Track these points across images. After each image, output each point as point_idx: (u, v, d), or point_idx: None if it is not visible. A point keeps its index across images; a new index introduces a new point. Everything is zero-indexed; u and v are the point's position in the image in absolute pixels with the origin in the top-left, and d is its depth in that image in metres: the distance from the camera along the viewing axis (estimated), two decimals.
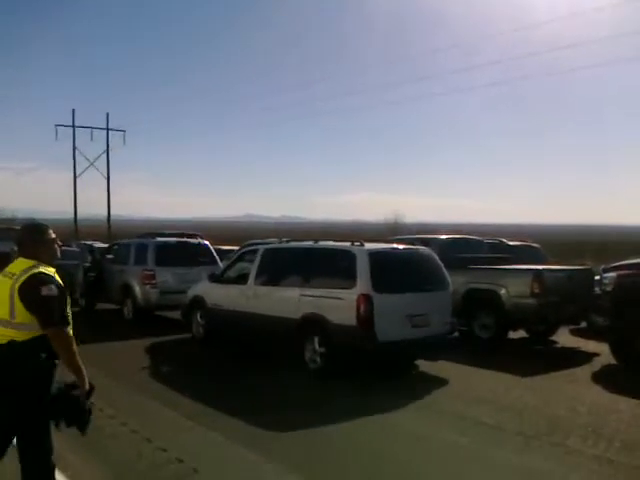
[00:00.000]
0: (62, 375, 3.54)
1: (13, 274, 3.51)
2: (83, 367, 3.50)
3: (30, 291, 3.41)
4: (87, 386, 3.50)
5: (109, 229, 45.36)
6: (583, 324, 11.71)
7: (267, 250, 9.62)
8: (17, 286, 3.43)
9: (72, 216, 46.41)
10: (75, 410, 3.43)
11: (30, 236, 3.67)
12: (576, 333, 11.88)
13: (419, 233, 17.68)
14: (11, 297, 3.44)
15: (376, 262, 7.90)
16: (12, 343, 3.41)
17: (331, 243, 8.92)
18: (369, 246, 8.29)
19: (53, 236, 3.73)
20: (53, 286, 3.47)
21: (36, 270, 3.51)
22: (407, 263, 8.47)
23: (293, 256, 9.24)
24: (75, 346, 3.53)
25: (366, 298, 7.61)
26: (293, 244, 9.60)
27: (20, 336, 3.42)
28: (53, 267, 3.61)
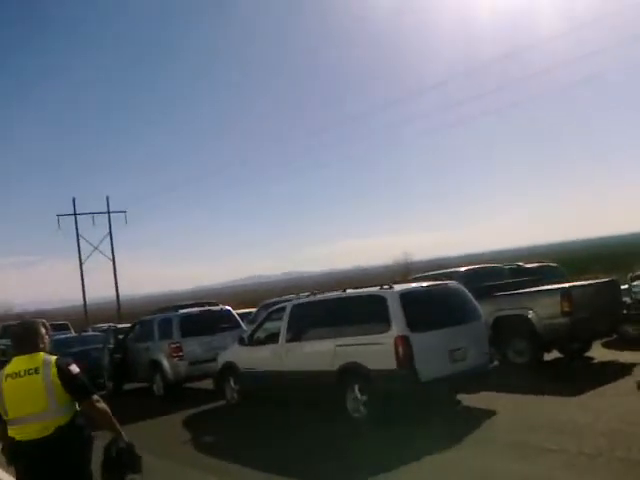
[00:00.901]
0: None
1: (35, 369, 3.82)
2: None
3: (65, 375, 3.82)
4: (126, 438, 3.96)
5: (119, 309, 45.31)
6: (614, 336, 11.66)
7: (295, 306, 9.63)
8: (53, 376, 3.79)
9: (81, 302, 46.44)
10: (133, 457, 3.95)
11: (29, 333, 4.01)
12: (608, 345, 11.79)
13: (433, 269, 17.71)
14: (48, 388, 3.77)
15: (408, 301, 7.92)
16: (61, 428, 3.76)
17: (360, 290, 8.96)
18: (398, 287, 8.34)
19: (45, 329, 4.12)
20: (74, 364, 3.95)
21: (53, 357, 3.92)
22: (438, 298, 8.50)
23: (322, 308, 9.25)
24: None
25: (403, 339, 7.60)
26: (321, 296, 9.63)
27: (64, 420, 3.79)
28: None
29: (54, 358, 3.92)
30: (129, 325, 16.46)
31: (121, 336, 14.59)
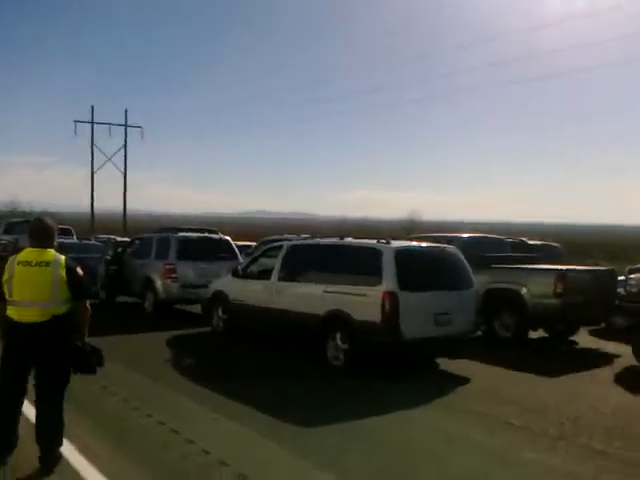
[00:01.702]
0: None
1: (47, 262, 4.38)
2: None
3: (72, 274, 4.42)
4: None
5: (124, 224, 45.66)
6: (602, 325, 11.70)
7: (292, 246, 9.66)
8: (62, 271, 4.38)
9: (88, 210, 46.74)
10: (100, 355, 4.73)
11: (46, 230, 4.56)
12: (595, 334, 11.84)
13: (437, 231, 17.64)
14: (54, 282, 4.35)
15: (402, 260, 7.92)
16: (57, 316, 4.39)
17: (357, 240, 8.95)
18: (395, 244, 8.32)
19: (56, 228, 4.67)
20: (79, 267, 4.52)
21: (63, 257, 4.48)
22: (433, 261, 8.49)
23: (318, 253, 9.28)
24: None
25: (392, 295, 7.63)
26: (318, 240, 9.63)
27: (60, 310, 4.41)
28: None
29: (64, 257, 4.48)
30: (129, 240, 16.61)
31: (120, 249, 14.74)
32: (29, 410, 4.80)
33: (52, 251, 4.47)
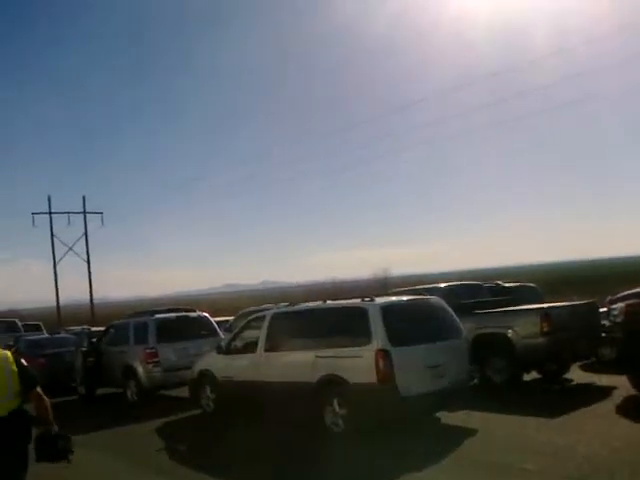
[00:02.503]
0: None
1: None
2: None
3: (19, 364, 4.44)
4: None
5: (92, 312, 44.64)
6: (592, 358, 11.71)
7: (275, 315, 9.51)
8: (12, 366, 4.38)
9: (52, 303, 45.64)
10: (56, 446, 4.45)
11: None
12: (586, 368, 11.84)
13: (410, 285, 17.69)
14: (7, 377, 4.35)
15: (389, 315, 7.85)
16: (13, 412, 4.31)
17: (341, 301, 8.87)
18: (380, 300, 8.27)
19: None
20: (23, 359, 4.58)
21: (9, 352, 4.54)
22: (420, 314, 8.44)
23: (303, 318, 9.14)
24: None
25: (384, 353, 7.52)
26: (301, 306, 9.52)
27: (14, 405, 4.34)
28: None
29: (9, 352, 4.55)
30: (103, 328, 16.17)
31: (95, 339, 14.31)
32: None
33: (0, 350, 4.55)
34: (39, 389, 4.57)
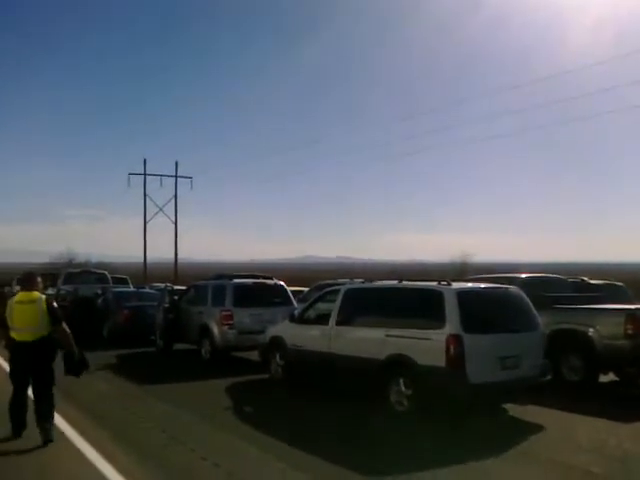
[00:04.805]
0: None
1: (34, 300, 6.57)
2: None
3: (50, 305, 6.61)
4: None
5: (175, 271, 46.44)
6: None
7: (349, 290, 9.59)
8: (44, 305, 6.55)
9: (141, 259, 47.79)
10: (77, 362, 6.84)
11: (30, 279, 6.82)
12: None
13: (491, 272, 17.24)
14: (41, 312, 6.51)
15: (465, 301, 7.74)
16: (43, 336, 6.53)
17: (417, 283, 8.82)
18: (456, 285, 8.16)
19: (40, 278, 6.97)
20: (54, 302, 6.82)
21: (44, 295, 6.75)
22: (496, 302, 8.27)
23: (377, 296, 9.17)
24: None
25: (456, 338, 7.44)
26: (377, 283, 9.54)
27: (45, 332, 6.55)
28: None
29: (44, 296, 6.72)
30: (184, 287, 16.84)
31: (176, 297, 14.93)
32: (31, 403, 6.68)
33: (36, 293, 6.68)
34: (64, 325, 6.62)
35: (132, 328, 16.24)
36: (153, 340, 15.21)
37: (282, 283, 13.87)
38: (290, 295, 13.54)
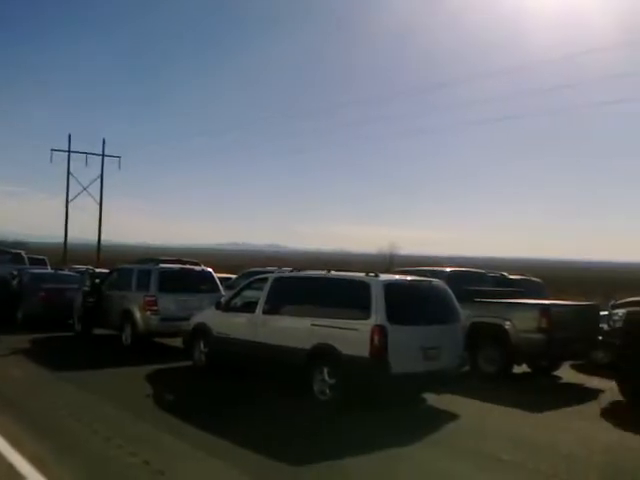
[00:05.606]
0: None
1: None
2: None
3: None
4: None
5: (98, 254, 45.01)
6: (584, 360, 11.71)
7: (277, 278, 9.56)
8: None
9: (62, 240, 46.03)
10: None
11: None
12: (578, 369, 11.86)
13: (416, 265, 17.64)
14: None
15: (391, 293, 7.88)
16: None
17: (345, 273, 8.89)
18: (384, 277, 8.29)
19: None
20: None
21: None
22: (421, 294, 8.47)
23: (305, 285, 9.17)
24: None
25: (381, 329, 7.56)
26: (305, 273, 9.55)
27: None
28: None
29: None
30: (107, 271, 16.31)
31: (98, 280, 14.44)
32: None
33: None
34: None
35: (49, 311, 15.56)
36: (71, 324, 14.68)
37: (210, 269, 13.69)
38: (217, 282, 13.37)
